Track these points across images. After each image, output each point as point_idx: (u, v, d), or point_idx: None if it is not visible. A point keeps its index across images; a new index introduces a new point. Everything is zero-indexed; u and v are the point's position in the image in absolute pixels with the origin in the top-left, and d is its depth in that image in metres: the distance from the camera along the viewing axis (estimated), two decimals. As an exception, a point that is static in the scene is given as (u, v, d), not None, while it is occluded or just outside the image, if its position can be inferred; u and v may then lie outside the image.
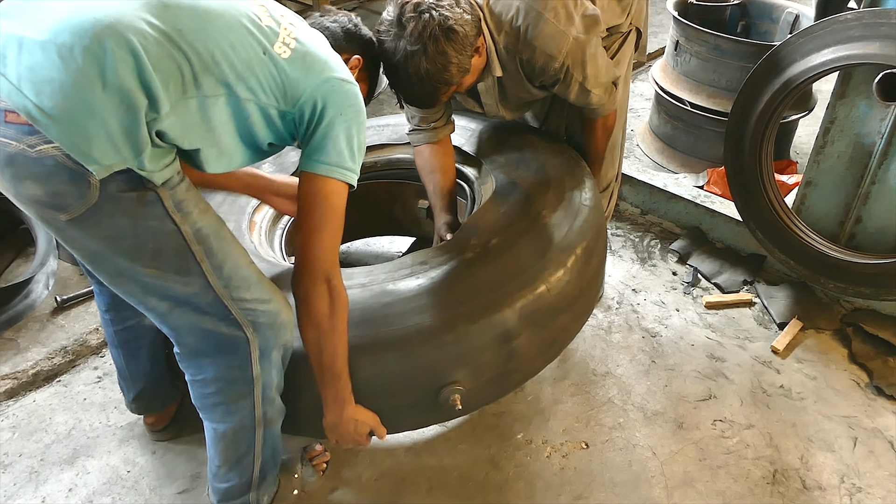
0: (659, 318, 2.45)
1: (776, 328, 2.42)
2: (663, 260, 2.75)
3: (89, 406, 2.00)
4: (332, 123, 1.31)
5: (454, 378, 1.55)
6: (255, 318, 1.37)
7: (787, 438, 2.02)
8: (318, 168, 1.32)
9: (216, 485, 1.59)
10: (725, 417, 2.08)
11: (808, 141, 3.60)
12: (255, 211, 1.97)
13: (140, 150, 1.14)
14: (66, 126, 1.07)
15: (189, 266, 1.27)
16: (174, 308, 1.32)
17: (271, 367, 1.44)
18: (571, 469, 1.91)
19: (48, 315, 2.28)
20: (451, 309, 1.54)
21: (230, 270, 1.32)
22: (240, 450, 1.53)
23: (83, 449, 1.89)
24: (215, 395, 1.45)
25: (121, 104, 1.09)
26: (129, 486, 1.80)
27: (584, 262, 1.77)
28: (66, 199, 1.13)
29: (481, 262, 1.63)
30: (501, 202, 1.82)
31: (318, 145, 1.32)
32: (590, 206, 1.85)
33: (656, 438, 2.01)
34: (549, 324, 1.69)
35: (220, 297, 1.32)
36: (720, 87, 3.16)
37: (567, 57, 1.73)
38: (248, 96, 1.24)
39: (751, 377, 2.22)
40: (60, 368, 2.10)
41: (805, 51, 2.29)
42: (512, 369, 1.68)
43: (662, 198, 2.92)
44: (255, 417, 1.48)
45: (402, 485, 1.85)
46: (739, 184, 2.53)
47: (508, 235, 1.69)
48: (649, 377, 2.21)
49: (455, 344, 1.53)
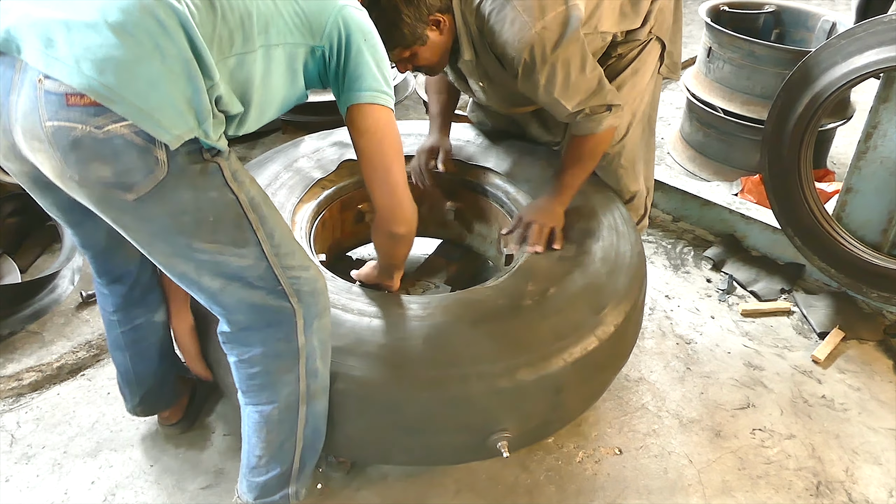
0: (693, 325, 2.38)
1: (816, 338, 2.34)
2: (697, 267, 2.68)
3: (113, 400, 1.97)
4: (361, 50, 1.35)
5: (504, 425, 1.55)
6: (300, 287, 1.37)
7: (830, 450, 1.94)
8: (363, 97, 1.37)
9: (254, 479, 1.53)
10: (765, 427, 2.01)
11: (846, 151, 3.55)
12: (296, 209, 1.94)
13: (204, 118, 1.14)
14: (136, 99, 1.07)
15: (246, 236, 1.27)
16: (227, 285, 1.31)
17: (314, 336, 1.42)
18: (604, 475, 1.84)
19: (73, 310, 2.26)
20: (511, 357, 1.53)
21: (280, 238, 1.33)
22: (282, 433, 1.49)
23: (106, 442, 1.85)
24: (262, 374, 1.42)
25: (181, 73, 1.10)
26: (152, 481, 1.76)
27: (633, 319, 1.78)
28: (134, 177, 1.12)
29: (540, 312, 1.62)
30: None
31: (355, 74, 1.36)
32: (638, 258, 1.85)
33: (692, 446, 1.93)
34: (596, 377, 1.72)
35: (272, 267, 1.31)
36: (754, 94, 3.11)
37: (527, 51, 1.65)
38: (279, 41, 1.27)
39: (791, 386, 2.14)
40: (85, 362, 2.08)
41: (846, 53, 2.23)
42: (555, 418, 1.70)
43: (695, 204, 2.86)
44: (300, 392, 1.45)
45: (429, 486, 1.79)
46: (777, 191, 2.47)
47: (565, 286, 1.69)
48: (684, 384, 2.14)
49: (511, 392, 1.52)
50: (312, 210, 1.98)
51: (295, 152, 2.14)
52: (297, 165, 2.08)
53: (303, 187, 2.01)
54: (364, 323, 1.57)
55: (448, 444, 1.60)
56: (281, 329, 1.39)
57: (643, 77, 1.99)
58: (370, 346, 1.53)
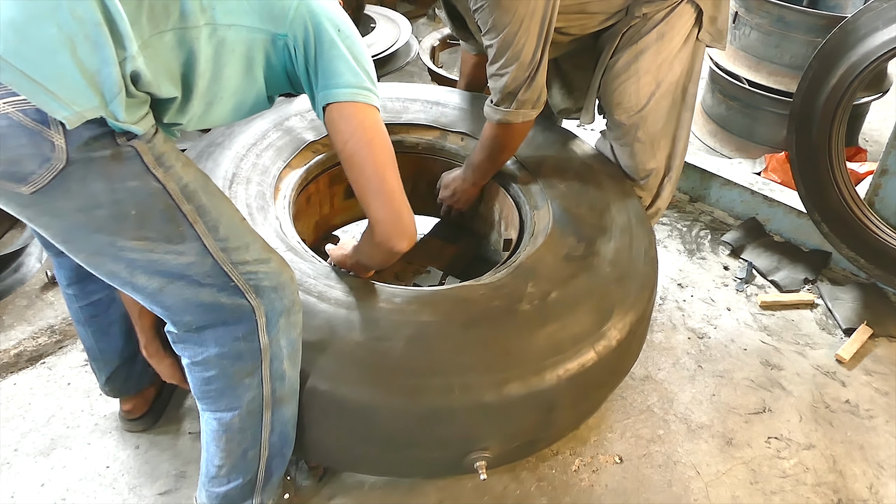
0: (707, 318, 2.19)
1: (841, 334, 2.15)
2: (713, 253, 2.48)
3: (73, 392, 1.83)
4: (335, 43, 1.20)
5: (486, 443, 1.40)
6: (258, 282, 1.21)
7: (853, 462, 1.76)
8: (343, 94, 1.22)
9: (214, 490, 1.39)
10: (782, 435, 1.83)
11: (880, 127, 3.30)
12: (282, 174, 1.75)
13: (113, 95, 0.97)
14: (25, 67, 0.91)
15: (181, 230, 1.11)
16: (167, 284, 1.15)
17: (280, 336, 1.27)
18: (602, 486, 1.68)
19: (38, 291, 2.11)
20: (500, 370, 1.37)
21: (227, 230, 1.17)
22: (245, 441, 1.34)
23: (62, 439, 1.72)
24: (219, 377, 1.27)
25: (86, 40, 0.93)
26: (107, 484, 1.62)
27: (638, 333, 1.61)
28: (27, 167, 0.97)
29: (538, 319, 1.45)
30: (561, 244, 1.64)
31: (330, 70, 1.21)
32: (650, 264, 1.68)
33: (701, 455, 1.77)
34: (592, 395, 1.59)
35: (219, 263, 1.16)
36: (783, 64, 2.89)
37: None
38: (230, 21, 1.10)
39: (812, 389, 1.96)
40: (45, 349, 1.93)
41: (888, 18, 2.01)
42: (542, 437, 1.56)
43: (715, 184, 2.65)
44: (264, 397, 1.31)
45: (410, 495, 1.64)
46: (805, 171, 2.28)
47: (570, 291, 1.52)
48: (695, 384, 1.96)
49: (496, 408, 1.36)
50: (299, 178, 1.79)
51: (287, 109, 1.94)
52: (289, 124, 1.88)
53: (292, 150, 1.81)
54: (340, 315, 1.40)
55: (421, 458, 1.45)
56: (239, 328, 1.23)
57: (670, 42, 1.77)
58: (345, 343, 1.37)
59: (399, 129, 2.00)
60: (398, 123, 2.00)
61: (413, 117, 2.03)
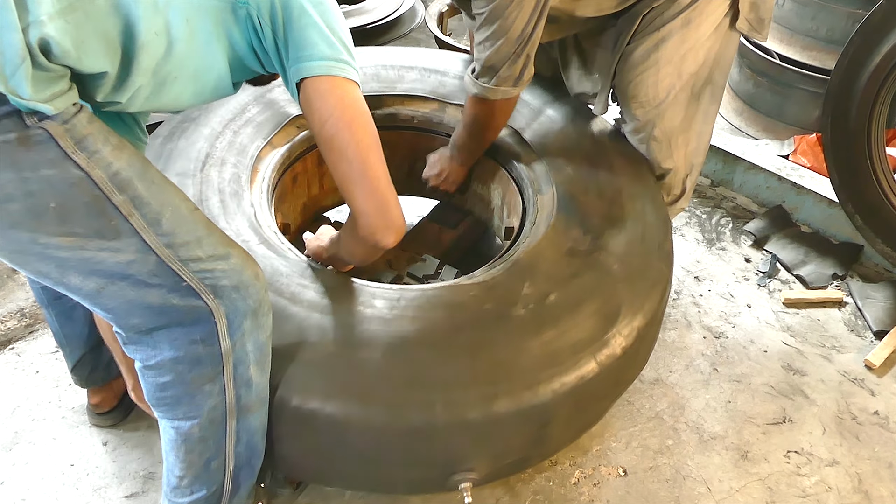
0: (725, 315, 2.03)
1: (872, 337, 2.00)
2: (735, 243, 2.31)
3: (41, 381, 1.72)
4: (305, 11, 1.07)
5: (471, 463, 1.28)
6: (216, 281, 1.07)
7: (881, 483, 1.63)
8: (317, 67, 1.09)
9: (176, 500, 1.28)
10: (802, 448, 1.69)
11: (921, 107, 3.08)
12: (261, 154, 1.61)
13: (14, 68, 0.83)
14: None
15: (114, 224, 0.98)
16: (106, 285, 1.02)
17: (245, 339, 1.14)
18: (603, 501, 1.56)
19: (9, 270, 1.99)
20: (488, 383, 1.23)
21: (172, 223, 1.03)
22: (207, 451, 1.22)
23: (25, 433, 1.61)
24: (175, 384, 1.14)
25: None
26: (70, 484, 1.52)
27: (647, 339, 1.47)
28: None
29: (534, 325, 1.31)
30: (564, 236, 1.49)
31: (302, 41, 1.08)
32: (665, 259, 1.52)
33: (713, 469, 1.63)
34: (591, 408, 1.46)
35: (165, 261, 1.03)
36: (818, 38, 2.69)
37: None
38: None
39: (837, 398, 1.81)
40: (14, 334, 1.82)
41: (944, -10, 1.80)
42: (535, 454, 1.44)
43: (739, 167, 2.48)
44: (227, 405, 1.18)
45: (394, 506, 1.52)
46: (839, 156, 2.11)
47: (571, 292, 1.37)
48: (709, 389, 1.81)
49: (483, 425, 1.23)
50: (281, 157, 1.64)
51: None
52: (271, 96, 1.72)
53: (274, 125, 1.66)
54: (313, 320, 1.27)
55: (400, 478, 1.33)
56: (196, 330, 1.10)
57: (697, 30, 1.58)
58: (317, 352, 1.24)
59: (393, 101, 1.85)
60: (392, 94, 1.84)
61: (409, 87, 1.87)
